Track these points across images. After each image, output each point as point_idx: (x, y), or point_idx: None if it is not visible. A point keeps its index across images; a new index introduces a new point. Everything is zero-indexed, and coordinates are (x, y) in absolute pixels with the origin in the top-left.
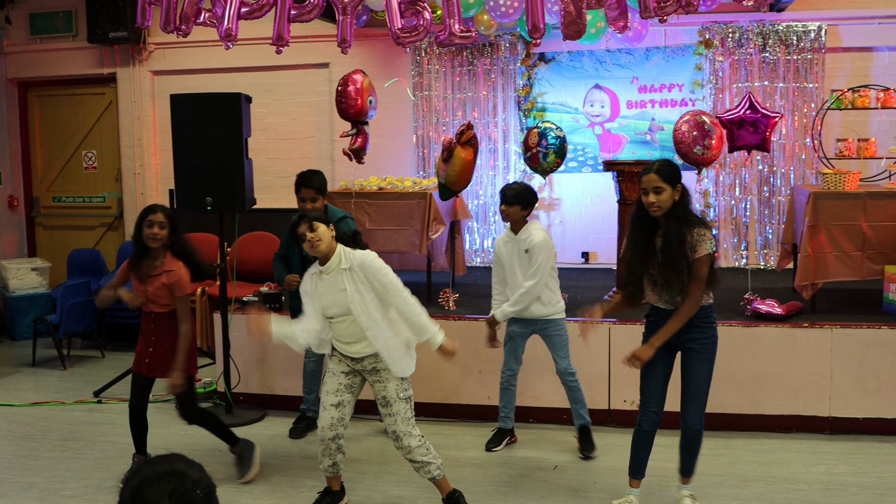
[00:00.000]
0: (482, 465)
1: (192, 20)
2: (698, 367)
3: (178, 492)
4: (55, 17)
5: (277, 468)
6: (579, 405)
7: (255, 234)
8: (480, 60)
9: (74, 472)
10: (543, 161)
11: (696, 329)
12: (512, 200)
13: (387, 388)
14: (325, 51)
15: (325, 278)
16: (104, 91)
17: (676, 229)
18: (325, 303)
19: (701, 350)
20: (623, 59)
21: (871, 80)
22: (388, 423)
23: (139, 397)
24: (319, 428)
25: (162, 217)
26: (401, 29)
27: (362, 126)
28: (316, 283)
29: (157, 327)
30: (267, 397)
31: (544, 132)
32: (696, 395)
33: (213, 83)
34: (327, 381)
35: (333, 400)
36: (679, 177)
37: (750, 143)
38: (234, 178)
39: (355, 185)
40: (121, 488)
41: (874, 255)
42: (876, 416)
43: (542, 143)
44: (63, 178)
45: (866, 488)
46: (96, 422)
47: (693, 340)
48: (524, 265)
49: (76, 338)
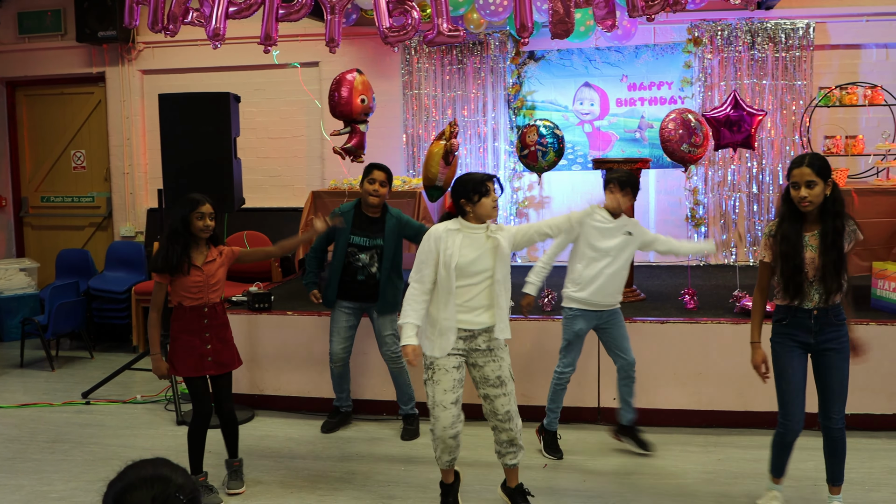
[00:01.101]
0: (472, 465)
1: (179, 20)
2: (841, 366)
3: (161, 497)
4: (44, 16)
5: (267, 469)
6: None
7: (245, 233)
8: (470, 59)
9: (62, 475)
10: (542, 159)
11: (833, 328)
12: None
13: (502, 367)
14: (315, 49)
15: (472, 236)
16: (93, 90)
17: (836, 224)
18: (465, 260)
19: (840, 349)
20: (612, 57)
21: (859, 77)
22: (502, 404)
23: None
24: (440, 427)
25: (211, 208)
26: (389, 28)
27: (357, 125)
28: (454, 241)
29: (211, 322)
30: (256, 397)
31: (543, 130)
32: (842, 394)
33: (203, 82)
34: (441, 380)
35: (452, 398)
36: (830, 171)
37: (735, 141)
38: (222, 177)
39: (345, 184)
40: (104, 493)
41: (862, 251)
42: (864, 413)
43: (540, 141)
44: (52, 178)
45: (854, 484)
46: (84, 423)
47: (832, 340)
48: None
49: (64, 338)
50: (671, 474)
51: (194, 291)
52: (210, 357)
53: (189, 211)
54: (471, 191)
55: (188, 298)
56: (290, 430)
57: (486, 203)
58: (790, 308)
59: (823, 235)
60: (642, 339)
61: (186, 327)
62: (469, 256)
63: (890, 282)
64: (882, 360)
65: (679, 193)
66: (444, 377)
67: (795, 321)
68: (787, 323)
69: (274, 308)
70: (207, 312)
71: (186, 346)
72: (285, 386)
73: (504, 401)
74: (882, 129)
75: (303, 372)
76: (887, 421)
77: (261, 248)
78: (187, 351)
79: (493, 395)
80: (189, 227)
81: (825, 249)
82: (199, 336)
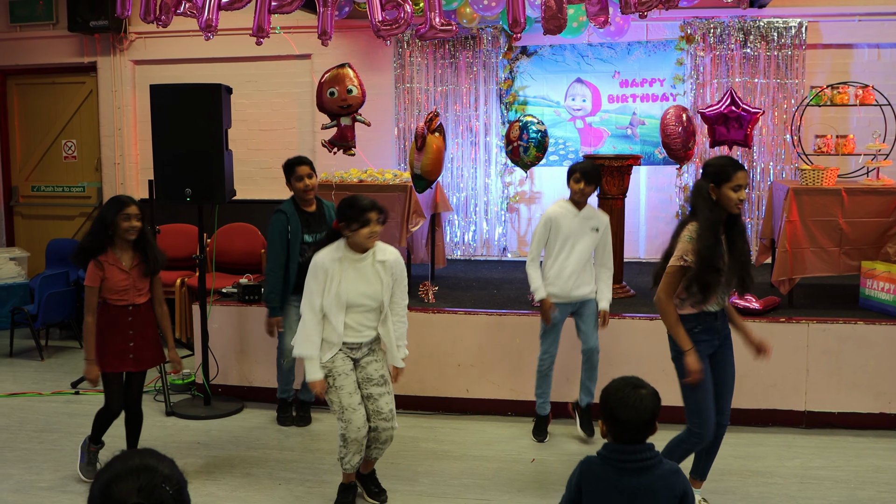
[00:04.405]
0: (460, 458)
1: (172, 10)
2: (733, 361)
3: (147, 488)
4: (35, 4)
5: (255, 461)
6: (594, 383)
7: (236, 225)
8: (462, 53)
9: (51, 464)
10: (524, 155)
11: (726, 325)
12: (592, 179)
13: (384, 366)
14: (308, 42)
15: (357, 267)
16: (84, 80)
17: (738, 224)
18: (352, 291)
19: (730, 343)
20: (605, 53)
21: (850, 76)
22: (385, 403)
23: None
24: (353, 429)
25: (138, 210)
26: (381, 22)
27: (339, 118)
28: (338, 271)
29: (135, 319)
30: (245, 389)
31: (526, 125)
32: (732, 389)
33: (195, 73)
34: (344, 384)
35: (357, 399)
36: None
37: (732, 139)
38: (213, 169)
39: (335, 177)
40: (91, 483)
41: (851, 250)
42: (851, 411)
43: (522, 136)
44: (42, 168)
45: (840, 482)
46: (73, 413)
47: (727, 336)
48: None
49: (54, 328)
50: None
51: (125, 288)
52: (132, 354)
53: (114, 212)
54: (350, 217)
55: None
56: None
57: (363, 233)
58: (700, 314)
59: (737, 236)
60: (632, 335)
61: (106, 322)
62: (358, 289)
63: (878, 281)
64: (869, 359)
65: (670, 190)
66: (345, 381)
67: (707, 326)
68: (699, 330)
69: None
70: (131, 311)
71: (108, 340)
72: (274, 378)
73: (387, 399)
74: (873, 128)
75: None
76: (873, 419)
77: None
78: (109, 345)
79: (376, 393)
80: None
81: (732, 249)
82: (122, 332)
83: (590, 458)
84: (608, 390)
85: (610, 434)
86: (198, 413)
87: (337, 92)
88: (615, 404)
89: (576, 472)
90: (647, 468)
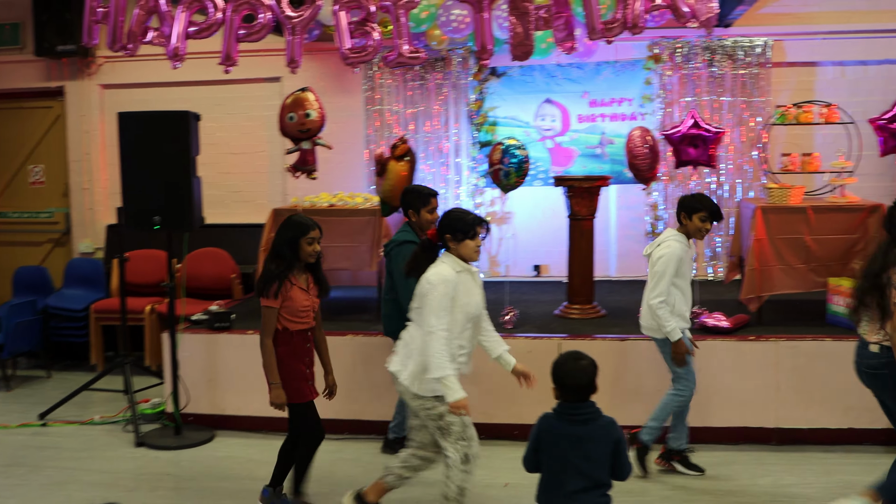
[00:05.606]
0: (433, 484)
1: (139, 39)
2: None
3: None
4: (2, 29)
5: (226, 492)
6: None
7: (206, 250)
8: (432, 75)
9: (18, 500)
10: (504, 179)
11: None
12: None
13: None
14: (277, 65)
15: (473, 278)
16: (52, 104)
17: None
18: (474, 301)
19: None
20: (574, 73)
21: (815, 93)
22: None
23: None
24: (476, 443)
25: (320, 232)
26: (350, 49)
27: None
28: (462, 284)
29: (311, 344)
30: (217, 417)
31: (508, 149)
32: None
33: (163, 97)
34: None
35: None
36: None
37: (695, 160)
38: (182, 196)
39: (305, 201)
40: None
41: (818, 267)
42: (820, 427)
43: (503, 160)
44: (9, 193)
45: (811, 499)
46: (41, 446)
47: None
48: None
49: (21, 357)
50: (629, 491)
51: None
52: (310, 381)
53: (298, 234)
54: (460, 229)
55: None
56: (250, 450)
57: (471, 245)
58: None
59: None
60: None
61: (287, 350)
62: (477, 298)
63: (845, 297)
64: (837, 374)
65: (640, 209)
66: None
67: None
68: None
69: (235, 327)
70: (308, 336)
71: (294, 367)
72: (246, 406)
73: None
74: (837, 146)
75: (264, 392)
76: (843, 435)
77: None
78: (298, 372)
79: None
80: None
81: None
82: (301, 358)
83: (546, 414)
84: (557, 363)
85: (560, 396)
86: (168, 443)
87: (296, 117)
88: (562, 374)
89: (536, 426)
90: (589, 419)
